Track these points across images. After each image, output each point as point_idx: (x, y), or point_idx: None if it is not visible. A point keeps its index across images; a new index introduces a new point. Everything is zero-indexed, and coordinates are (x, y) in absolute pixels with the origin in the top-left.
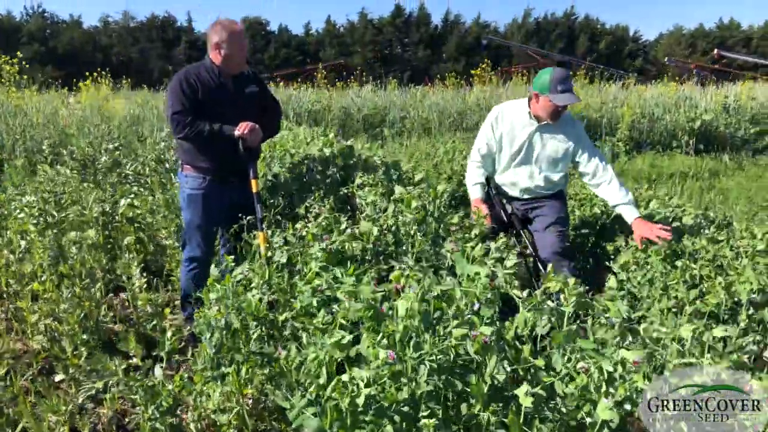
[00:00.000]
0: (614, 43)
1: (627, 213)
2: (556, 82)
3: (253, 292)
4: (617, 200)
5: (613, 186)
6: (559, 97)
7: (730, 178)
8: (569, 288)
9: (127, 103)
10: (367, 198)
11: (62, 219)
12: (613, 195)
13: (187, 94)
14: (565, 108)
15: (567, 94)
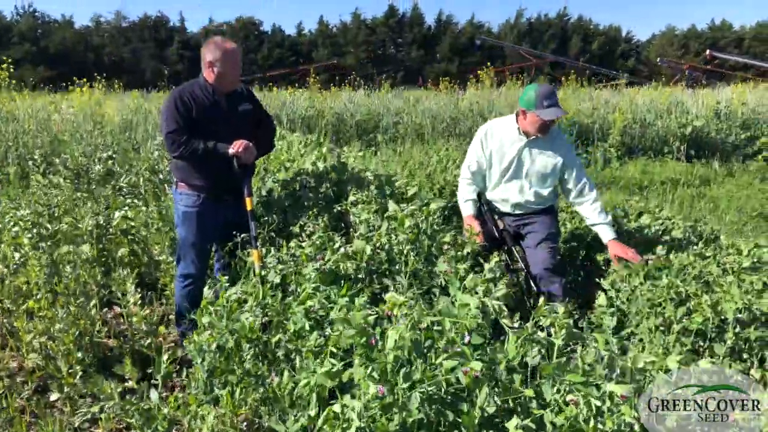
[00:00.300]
0: (607, 44)
1: (604, 233)
2: (542, 98)
3: (246, 315)
4: (597, 220)
5: (595, 207)
6: (546, 112)
7: (721, 186)
8: (559, 321)
9: (119, 106)
10: (360, 216)
11: (55, 231)
12: (593, 214)
13: (182, 113)
14: (553, 122)
15: (553, 109)
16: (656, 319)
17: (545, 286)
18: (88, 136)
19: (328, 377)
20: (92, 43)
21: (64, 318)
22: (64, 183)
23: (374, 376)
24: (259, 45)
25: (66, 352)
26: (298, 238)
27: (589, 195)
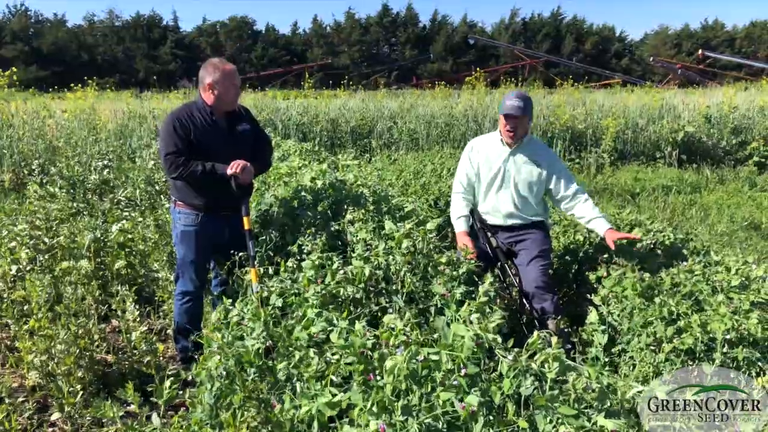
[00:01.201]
0: (600, 43)
1: (601, 224)
2: (505, 98)
3: (251, 342)
4: (592, 215)
5: (588, 204)
6: (503, 108)
7: (712, 193)
8: (551, 355)
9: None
10: (357, 235)
11: (53, 245)
12: (587, 211)
13: (180, 135)
14: (513, 122)
15: (507, 104)
16: (647, 338)
17: (537, 304)
18: (83, 143)
19: (329, 407)
20: (85, 42)
21: (66, 339)
22: (60, 193)
23: (373, 410)
24: (252, 44)
25: (67, 372)
26: (296, 258)
27: (580, 197)
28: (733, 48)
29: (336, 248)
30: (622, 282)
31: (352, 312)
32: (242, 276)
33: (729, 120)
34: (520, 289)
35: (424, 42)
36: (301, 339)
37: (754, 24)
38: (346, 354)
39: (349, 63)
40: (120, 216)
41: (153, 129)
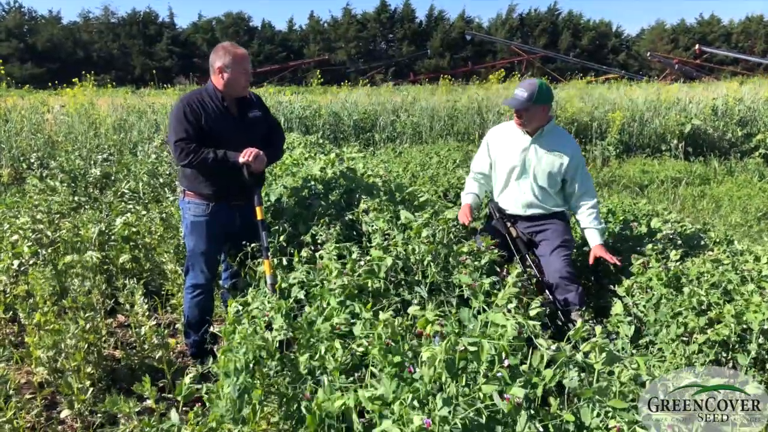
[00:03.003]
0: (597, 39)
1: (593, 236)
2: (515, 89)
3: (273, 333)
4: (590, 225)
5: (591, 212)
6: (505, 101)
7: (720, 184)
8: (598, 344)
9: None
10: (374, 224)
11: (55, 239)
12: (587, 219)
13: (191, 121)
14: (519, 113)
15: (511, 97)
16: (678, 329)
17: (561, 294)
18: (83, 138)
19: (370, 401)
20: (81, 39)
21: (75, 334)
22: (61, 187)
23: (414, 404)
24: (249, 41)
25: (76, 368)
26: (309, 247)
27: (588, 201)
28: (730, 43)
29: (351, 238)
30: (646, 272)
31: (374, 303)
32: (254, 267)
33: (735, 112)
34: (542, 279)
35: (422, 38)
36: (323, 330)
37: (750, 19)
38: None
39: (346, 59)
40: (124, 209)
41: (153, 123)
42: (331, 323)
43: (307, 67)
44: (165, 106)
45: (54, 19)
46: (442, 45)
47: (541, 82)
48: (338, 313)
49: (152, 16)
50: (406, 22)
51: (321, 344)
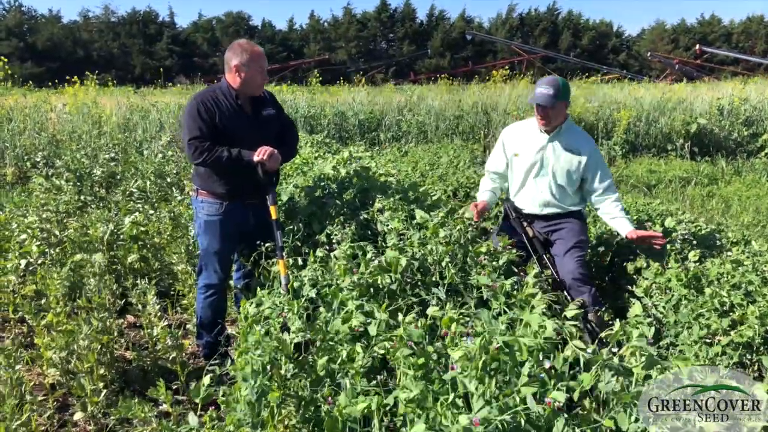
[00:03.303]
0: (597, 39)
1: (624, 225)
2: (536, 86)
3: (291, 335)
4: (617, 215)
5: (616, 204)
6: (533, 97)
7: (729, 185)
8: (637, 348)
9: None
10: (389, 224)
11: (63, 238)
12: (614, 210)
13: (205, 119)
14: (543, 111)
15: (537, 94)
16: (700, 330)
17: (575, 295)
18: (86, 136)
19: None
20: (80, 38)
21: (89, 334)
22: (66, 186)
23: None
24: (249, 40)
25: (89, 369)
26: (324, 247)
27: (611, 195)
28: (730, 43)
29: (366, 238)
30: (664, 272)
31: (389, 304)
32: (269, 267)
33: (741, 112)
34: (558, 280)
35: (422, 38)
36: (341, 332)
37: (750, 19)
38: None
39: (347, 59)
40: (132, 208)
41: (157, 122)
42: (349, 325)
43: (307, 67)
44: (168, 105)
45: (54, 18)
46: (443, 45)
47: (562, 79)
48: (354, 315)
49: (152, 15)
50: (407, 21)
51: (340, 346)
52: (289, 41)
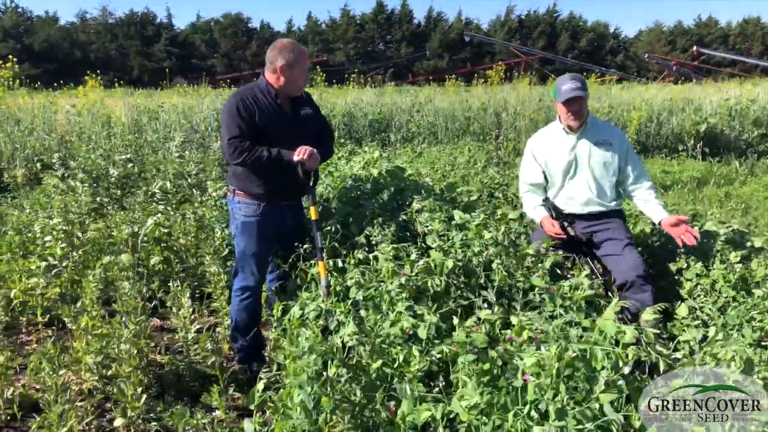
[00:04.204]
0: (595, 40)
1: (658, 211)
2: (561, 83)
3: (346, 339)
4: (652, 201)
5: (650, 192)
6: (563, 94)
7: (744, 185)
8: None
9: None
10: (429, 225)
11: (86, 240)
12: (648, 197)
13: (244, 118)
14: (576, 106)
15: (567, 87)
16: (753, 333)
17: (636, 294)
18: (96, 137)
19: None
20: (78, 39)
21: (129, 338)
22: (82, 188)
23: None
24: (247, 41)
25: (128, 375)
26: (363, 249)
27: (645, 182)
28: (727, 44)
29: (405, 239)
30: (708, 274)
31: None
32: (306, 269)
33: (750, 112)
34: (605, 279)
35: (420, 39)
36: (392, 334)
37: (747, 21)
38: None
39: (345, 60)
40: (155, 209)
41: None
42: (400, 326)
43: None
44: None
45: (51, 19)
46: (441, 46)
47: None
48: (405, 316)
49: (150, 16)
50: (404, 23)
51: (393, 349)
52: None
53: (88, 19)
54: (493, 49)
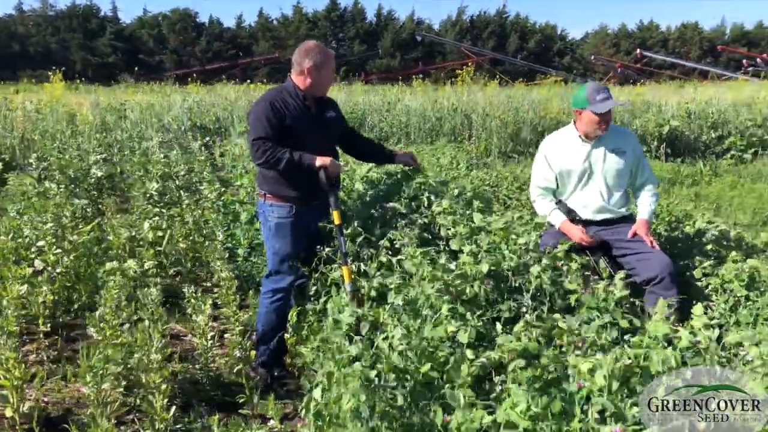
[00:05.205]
0: (543, 42)
1: (643, 211)
2: (594, 93)
3: (395, 343)
4: (646, 202)
5: (652, 196)
6: (599, 105)
7: (710, 185)
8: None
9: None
10: (454, 228)
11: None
12: (646, 198)
13: (272, 121)
14: (609, 117)
15: (607, 101)
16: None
17: (663, 290)
18: (62, 136)
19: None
20: (16, 32)
21: (158, 347)
22: (58, 189)
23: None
24: (196, 37)
25: (157, 385)
26: (388, 252)
27: (652, 186)
28: (667, 48)
29: (427, 242)
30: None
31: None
32: (327, 273)
33: (708, 115)
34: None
35: (372, 38)
36: (435, 338)
37: (685, 26)
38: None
39: None
40: (151, 212)
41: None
42: (444, 329)
43: (257, 65)
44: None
45: None
46: (393, 45)
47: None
48: (448, 320)
49: (93, 9)
50: (357, 21)
51: (440, 353)
52: (237, 39)
53: (27, 11)
54: (444, 49)
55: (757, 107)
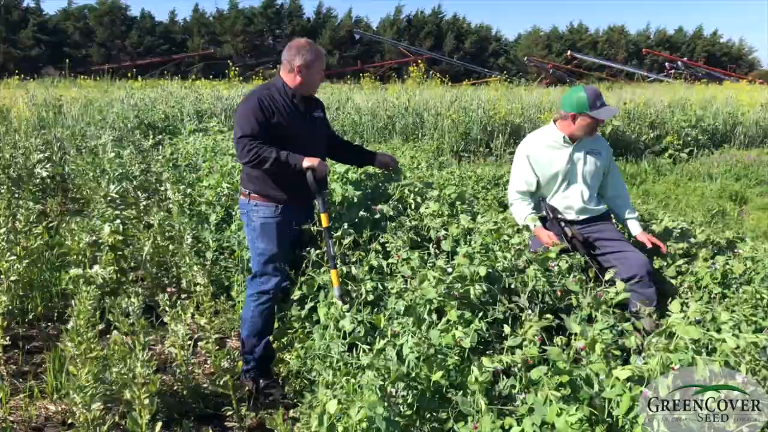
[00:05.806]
0: (478, 42)
1: (634, 226)
2: (594, 99)
3: (406, 352)
4: (629, 216)
5: (627, 203)
6: (602, 112)
7: (656, 184)
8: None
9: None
10: (442, 230)
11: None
12: (627, 210)
13: (259, 119)
14: (602, 122)
15: (608, 108)
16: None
17: (642, 288)
18: None
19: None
20: None
21: (144, 361)
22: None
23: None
24: (126, 31)
25: (141, 402)
26: (379, 255)
27: (622, 191)
28: (596, 50)
29: (417, 245)
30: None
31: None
32: (315, 276)
33: (647, 115)
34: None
35: (310, 35)
36: (442, 344)
37: (612, 29)
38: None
39: (233, 54)
40: (112, 215)
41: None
42: (452, 335)
43: (191, 61)
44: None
45: None
46: (331, 43)
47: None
48: (455, 325)
49: (15, 0)
50: (294, 18)
51: (450, 359)
52: (171, 34)
53: None
54: (382, 48)
55: (690, 108)
